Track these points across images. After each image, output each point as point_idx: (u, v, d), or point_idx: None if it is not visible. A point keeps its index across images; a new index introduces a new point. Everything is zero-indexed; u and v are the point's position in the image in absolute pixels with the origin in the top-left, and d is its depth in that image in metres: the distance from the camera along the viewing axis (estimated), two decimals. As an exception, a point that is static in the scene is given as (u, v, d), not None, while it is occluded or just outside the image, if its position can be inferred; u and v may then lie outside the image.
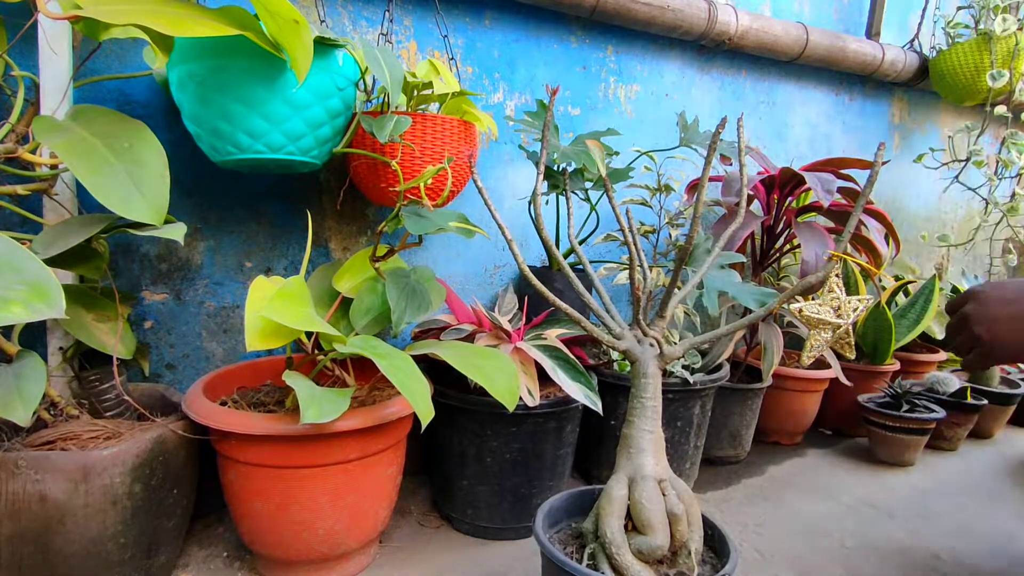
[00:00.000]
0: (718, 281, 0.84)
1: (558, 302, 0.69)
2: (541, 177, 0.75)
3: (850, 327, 1.30)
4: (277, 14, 0.65)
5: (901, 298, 1.64)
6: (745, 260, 1.01)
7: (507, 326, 0.94)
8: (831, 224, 1.29)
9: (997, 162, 1.68)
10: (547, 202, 1.21)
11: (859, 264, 0.86)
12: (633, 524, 0.60)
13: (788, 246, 1.28)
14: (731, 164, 1.27)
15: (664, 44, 1.36)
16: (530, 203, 1.20)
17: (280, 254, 1.03)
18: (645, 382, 0.65)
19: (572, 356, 0.92)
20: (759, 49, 1.42)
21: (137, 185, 0.65)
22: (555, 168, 1.00)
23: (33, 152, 0.70)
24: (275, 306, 0.70)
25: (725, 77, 1.47)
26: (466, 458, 0.92)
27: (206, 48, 0.72)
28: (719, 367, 1.15)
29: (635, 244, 0.73)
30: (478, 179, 0.70)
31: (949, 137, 1.79)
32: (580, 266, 1.04)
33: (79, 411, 0.76)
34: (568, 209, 0.84)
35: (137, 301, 0.93)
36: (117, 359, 0.76)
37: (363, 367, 0.91)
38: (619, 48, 1.31)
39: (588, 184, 1.01)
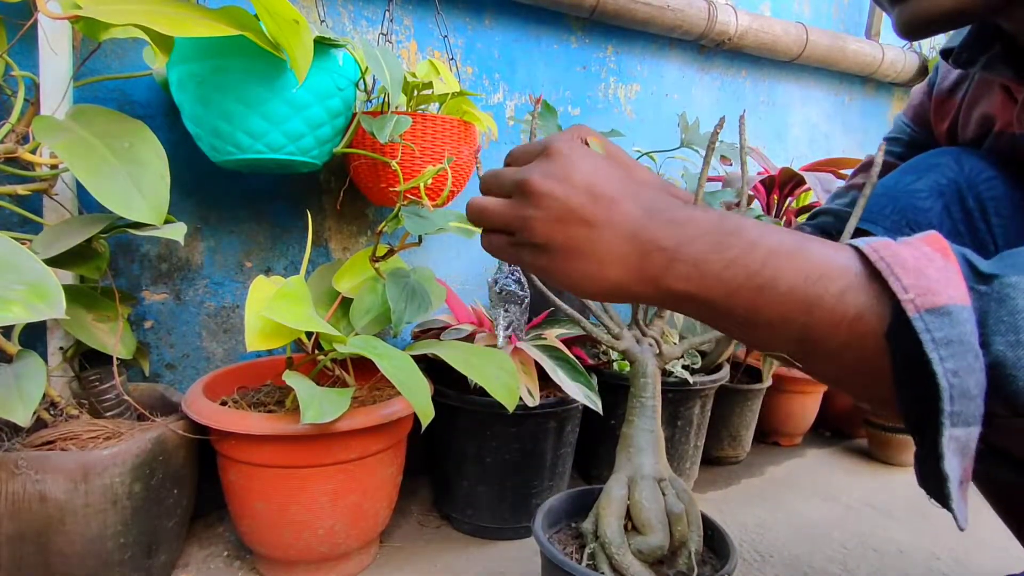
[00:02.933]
0: None
1: (558, 302, 0.69)
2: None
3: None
4: (277, 14, 0.65)
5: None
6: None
7: (507, 326, 0.94)
8: (831, 224, 1.29)
9: (997, 162, 1.68)
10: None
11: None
12: (633, 524, 0.60)
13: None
14: (731, 164, 1.27)
15: (664, 44, 1.36)
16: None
17: (280, 254, 1.03)
18: (644, 382, 0.65)
19: (572, 356, 0.92)
20: (759, 49, 1.42)
21: (137, 185, 0.65)
22: None
23: (33, 152, 0.70)
24: (275, 306, 0.70)
25: (725, 77, 1.47)
26: (466, 458, 0.92)
27: (206, 48, 0.72)
28: (719, 367, 1.15)
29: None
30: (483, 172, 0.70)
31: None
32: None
33: (79, 411, 0.76)
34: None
35: (137, 301, 0.93)
36: (117, 359, 0.76)
37: (363, 367, 0.91)
38: (619, 48, 1.31)
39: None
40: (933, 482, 0.30)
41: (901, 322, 0.29)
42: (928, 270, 0.30)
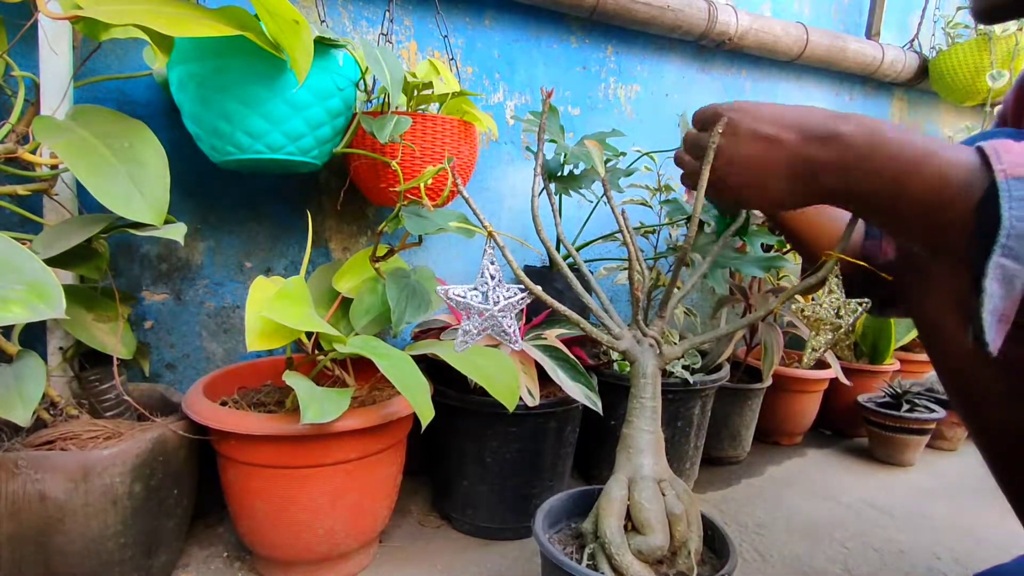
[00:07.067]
0: (721, 259, 0.83)
1: (554, 303, 0.69)
2: (537, 178, 0.75)
3: (850, 330, 1.31)
4: (277, 14, 0.65)
5: (901, 298, 1.64)
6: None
7: (507, 326, 0.94)
8: (831, 224, 1.29)
9: (997, 162, 1.68)
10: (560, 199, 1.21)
11: (858, 263, 0.86)
12: (633, 524, 0.60)
13: (788, 246, 1.28)
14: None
15: (664, 44, 1.36)
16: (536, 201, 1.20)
17: (280, 254, 1.03)
18: (644, 382, 0.65)
19: (572, 356, 0.92)
20: (759, 49, 1.42)
21: (137, 185, 0.65)
22: (563, 168, 1.00)
23: (33, 152, 0.70)
24: (275, 306, 0.70)
25: (725, 77, 1.47)
26: (466, 458, 0.92)
27: (206, 48, 0.72)
28: (719, 367, 1.15)
29: (633, 244, 0.73)
30: (462, 188, 0.69)
31: (949, 137, 1.79)
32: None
33: (79, 411, 0.76)
34: (555, 210, 0.84)
35: (137, 301, 0.93)
36: (117, 359, 0.76)
37: (363, 367, 0.91)
38: (619, 48, 1.31)
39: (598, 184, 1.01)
40: (975, 308, 0.38)
41: (990, 184, 0.39)
42: None
